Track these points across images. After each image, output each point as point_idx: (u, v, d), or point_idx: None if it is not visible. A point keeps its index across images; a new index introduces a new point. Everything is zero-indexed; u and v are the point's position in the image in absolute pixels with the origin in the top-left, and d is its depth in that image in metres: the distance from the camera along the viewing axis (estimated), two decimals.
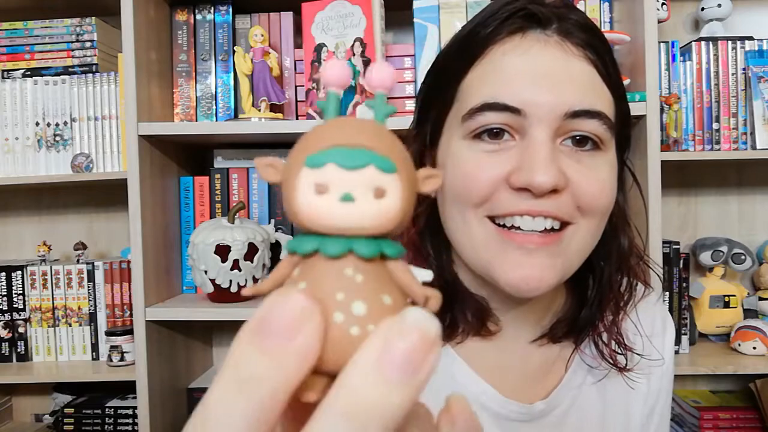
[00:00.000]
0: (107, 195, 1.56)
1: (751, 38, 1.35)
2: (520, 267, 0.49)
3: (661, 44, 1.31)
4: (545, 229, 0.50)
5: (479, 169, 0.50)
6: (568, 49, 0.51)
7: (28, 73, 1.41)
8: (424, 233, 0.58)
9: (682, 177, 1.52)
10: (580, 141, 0.51)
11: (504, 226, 0.51)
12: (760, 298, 1.42)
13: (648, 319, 0.63)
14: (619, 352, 0.59)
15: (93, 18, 1.41)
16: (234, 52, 1.32)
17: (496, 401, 0.58)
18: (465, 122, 0.52)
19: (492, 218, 0.51)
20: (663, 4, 1.35)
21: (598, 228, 0.53)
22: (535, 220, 0.49)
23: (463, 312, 0.57)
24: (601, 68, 0.52)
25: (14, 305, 1.43)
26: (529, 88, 0.50)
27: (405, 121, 0.64)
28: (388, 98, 0.22)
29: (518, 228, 0.50)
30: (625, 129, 0.57)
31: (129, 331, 1.33)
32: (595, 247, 0.54)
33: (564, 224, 0.51)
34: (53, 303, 1.43)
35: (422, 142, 0.58)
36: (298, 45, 1.36)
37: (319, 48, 1.29)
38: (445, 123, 0.55)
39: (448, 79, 0.55)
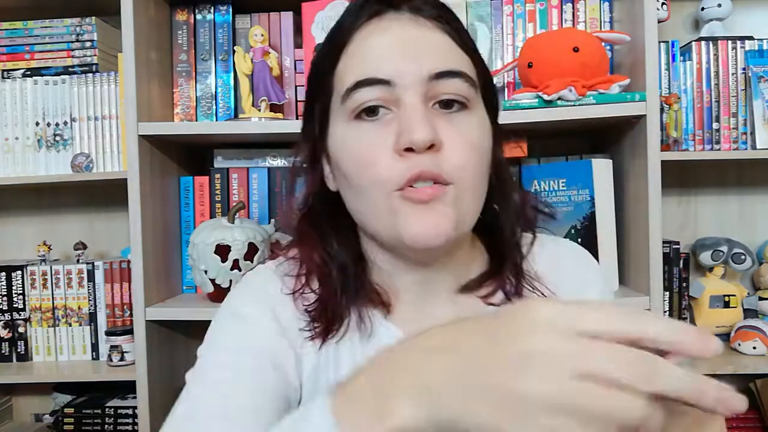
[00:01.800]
0: (107, 195, 1.56)
1: (751, 38, 1.35)
2: (419, 220, 0.54)
3: (661, 44, 1.31)
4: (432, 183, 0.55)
5: (369, 147, 0.55)
6: (422, 22, 0.57)
7: (28, 73, 1.41)
8: (320, 216, 0.63)
9: (682, 177, 1.52)
10: (448, 104, 0.56)
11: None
12: (760, 298, 1.42)
13: (552, 261, 0.67)
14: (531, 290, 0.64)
15: (93, 18, 1.41)
16: (234, 52, 1.32)
17: None
18: (343, 103, 0.57)
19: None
20: (663, 4, 1.35)
21: (480, 183, 0.58)
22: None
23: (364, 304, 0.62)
24: (456, 37, 0.58)
25: (14, 305, 1.43)
26: (393, 60, 0.55)
27: None
28: None
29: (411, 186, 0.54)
30: (490, 94, 0.63)
31: (129, 331, 1.33)
32: (491, 205, 0.61)
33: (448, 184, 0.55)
34: (53, 303, 1.43)
35: (312, 138, 0.63)
36: (298, 45, 1.36)
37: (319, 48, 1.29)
38: (329, 114, 0.60)
39: (323, 72, 0.60)
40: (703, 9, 1.43)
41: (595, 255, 1.19)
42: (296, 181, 0.66)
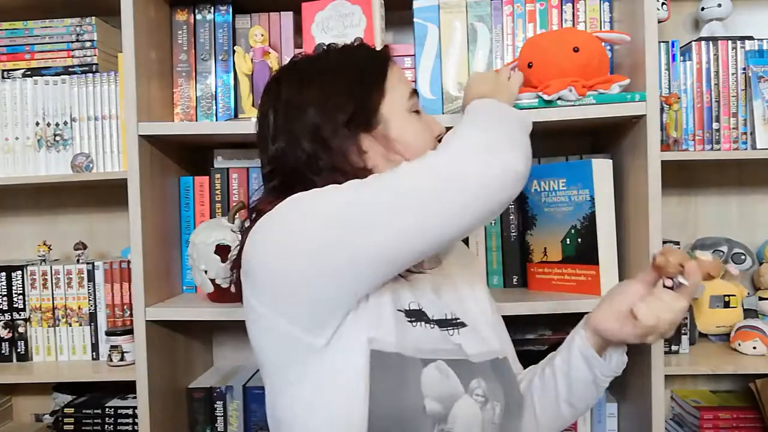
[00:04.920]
0: (107, 195, 1.56)
1: (751, 38, 1.35)
2: None
3: (661, 44, 1.31)
4: None
5: (422, 130, 0.84)
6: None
7: (28, 73, 1.41)
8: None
9: (682, 177, 1.52)
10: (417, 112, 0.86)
11: None
12: (760, 298, 1.42)
13: None
14: None
15: (93, 18, 1.41)
16: (234, 52, 1.32)
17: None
18: (410, 100, 0.83)
19: None
20: (663, 4, 1.35)
21: None
22: None
23: None
24: None
25: (14, 305, 1.43)
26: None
27: None
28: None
29: None
30: None
31: (129, 331, 1.33)
32: None
33: None
34: (53, 303, 1.43)
35: (365, 120, 0.80)
36: (298, 45, 1.36)
37: (319, 48, 1.29)
38: (381, 107, 0.80)
39: (376, 76, 0.82)
40: (703, 9, 1.43)
41: (595, 255, 1.19)
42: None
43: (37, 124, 1.40)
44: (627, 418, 1.33)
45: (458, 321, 0.80)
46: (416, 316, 0.75)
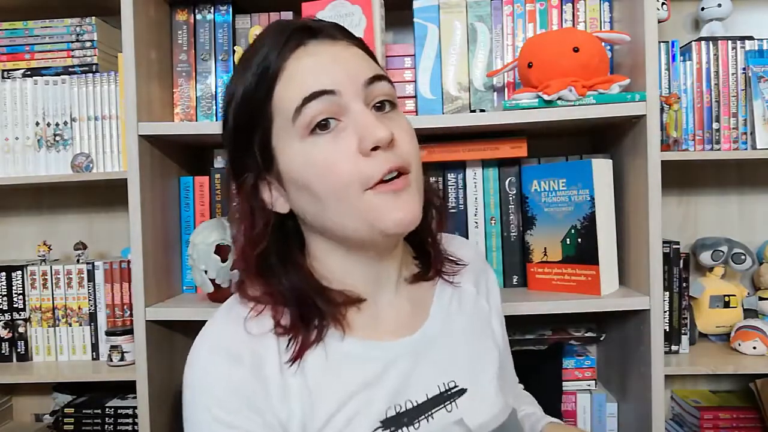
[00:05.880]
0: (107, 195, 1.56)
1: (751, 38, 1.35)
2: (398, 209, 0.61)
3: (661, 44, 1.31)
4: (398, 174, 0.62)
5: (332, 156, 0.60)
6: (339, 44, 0.65)
7: (28, 73, 1.41)
8: (269, 251, 0.66)
9: (682, 177, 1.52)
10: (381, 105, 0.64)
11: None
12: (760, 298, 1.42)
13: (466, 252, 0.83)
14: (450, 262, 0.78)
15: (93, 18, 1.41)
16: (234, 51, 1.32)
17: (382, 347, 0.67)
18: (295, 122, 0.61)
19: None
20: (663, 4, 1.35)
21: (421, 170, 0.66)
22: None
23: (330, 305, 0.66)
24: (368, 52, 0.67)
25: (14, 305, 1.43)
26: (330, 73, 0.61)
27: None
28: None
29: (385, 181, 0.61)
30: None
31: (129, 331, 1.33)
32: None
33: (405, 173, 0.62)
34: (53, 303, 1.43)
35: (256, 169, 0.66)
36: None
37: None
38: (271, 143, 0.64)
39: (258, 101, 0.63)
40: (703, 9, 1.43)
41: (595, 255, 1.19)
42: (253, 224, 0.66)
43: (37, 124, 1.40)
44: (627, 418, 1.33)
45: (455, 390, 0.69)
46: (396, 423, 0.64)
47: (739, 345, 1.32)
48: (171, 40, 1.36)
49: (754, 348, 1.30)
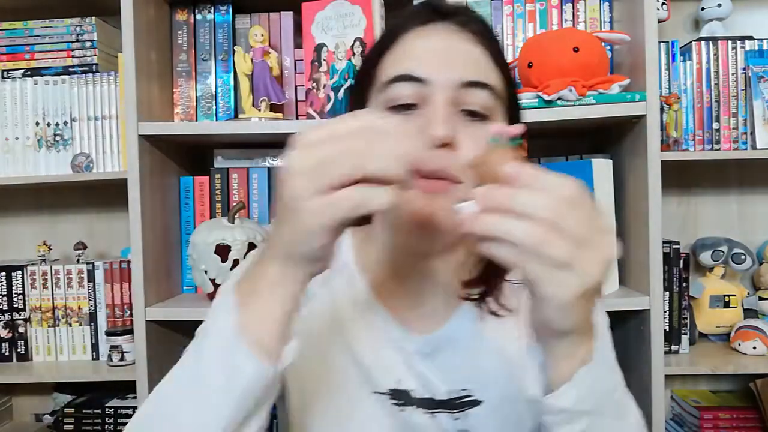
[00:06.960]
0: (107, 195, 1.56)
1: (751, 38, 1.35)
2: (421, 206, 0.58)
3: (661, 44, 1.31)
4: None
5: None
6: (464, 35, 0.62)
7: (28, 73, 1.41)
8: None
9: (682, 177, 1.51)
10: (472, 114, 0.60)
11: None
12: (760, 298, 1.42)
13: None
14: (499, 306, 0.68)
15: (93, 18, 1.41)
16: (234, 51, 1.32)
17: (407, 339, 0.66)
18: (381, 94, 0.62)
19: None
20: (663, 4, 1.35)
21: None
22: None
23: None
24: (492, 53, 0.63)
25: (14, 305, 1.43)
26: (431, 62, 0.60)
27: None
28: None
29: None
30: (514, 111, 0.67)
31: (129, 331, 1.33)
32: None
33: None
34: (53, 303, 1.43)
35: None
36: (298, 45, 1.36)
37: (319, 48, 1.29)
38: (366, 103, 0.65)
39: (369, 64, 0.65)
40: (703, 9, 1.43)
41: None
42: None
43: (37, 124, 1.40)
44: None
45: (468, 399, 0.64)
46: (403, 397, 0.63)
47: (739, 345, 1.32)
48: (171, 40, 1.36)
49: (754, 348, 1.30)
